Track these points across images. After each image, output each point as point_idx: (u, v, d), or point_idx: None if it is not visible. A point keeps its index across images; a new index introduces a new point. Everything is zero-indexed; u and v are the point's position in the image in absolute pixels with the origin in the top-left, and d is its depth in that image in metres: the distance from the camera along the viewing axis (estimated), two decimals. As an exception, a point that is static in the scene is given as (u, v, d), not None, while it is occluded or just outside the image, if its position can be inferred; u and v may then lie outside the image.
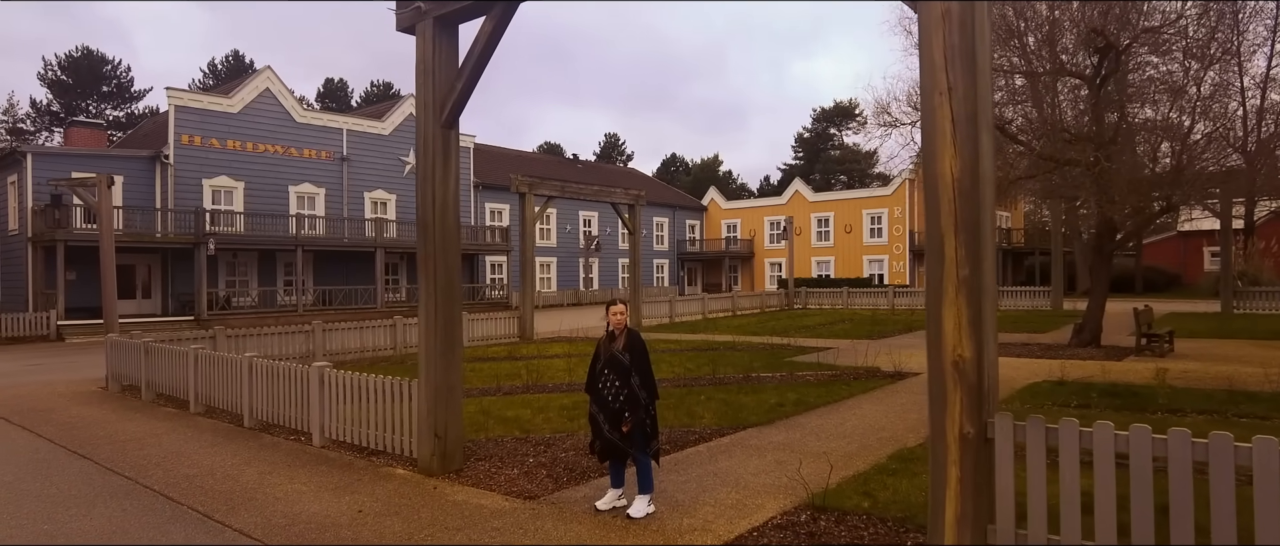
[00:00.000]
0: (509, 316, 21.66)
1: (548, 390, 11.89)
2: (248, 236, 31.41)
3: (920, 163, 22.73)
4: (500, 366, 14.90)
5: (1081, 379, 11.73)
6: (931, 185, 4.34)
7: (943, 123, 4.28)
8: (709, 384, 12.08)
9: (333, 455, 8.33)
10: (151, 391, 12.55)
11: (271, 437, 9.34)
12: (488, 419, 9.63)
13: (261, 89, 33.75)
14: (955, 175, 4.24)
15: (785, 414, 9.60)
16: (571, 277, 47.18)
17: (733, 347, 17.75)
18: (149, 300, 31.34)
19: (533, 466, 7.41)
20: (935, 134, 4.31)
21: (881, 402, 10.40)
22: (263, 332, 16.43)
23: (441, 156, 7.28)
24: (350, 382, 8.50)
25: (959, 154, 4.23)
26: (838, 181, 74.29)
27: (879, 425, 8.94)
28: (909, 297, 33.46)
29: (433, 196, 7.27)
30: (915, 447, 7.72)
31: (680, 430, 8.79)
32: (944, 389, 4.27)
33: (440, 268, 7.26)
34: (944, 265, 4.27)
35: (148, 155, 31.15)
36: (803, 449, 7.84)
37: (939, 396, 4.30)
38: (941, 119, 4.28)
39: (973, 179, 4.21)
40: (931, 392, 4.35)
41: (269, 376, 9.75)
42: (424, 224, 7.33)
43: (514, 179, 21.52)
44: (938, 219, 4.30)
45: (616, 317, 5.88)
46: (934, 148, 4.33)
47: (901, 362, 13.87)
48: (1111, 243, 15.35)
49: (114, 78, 56.56)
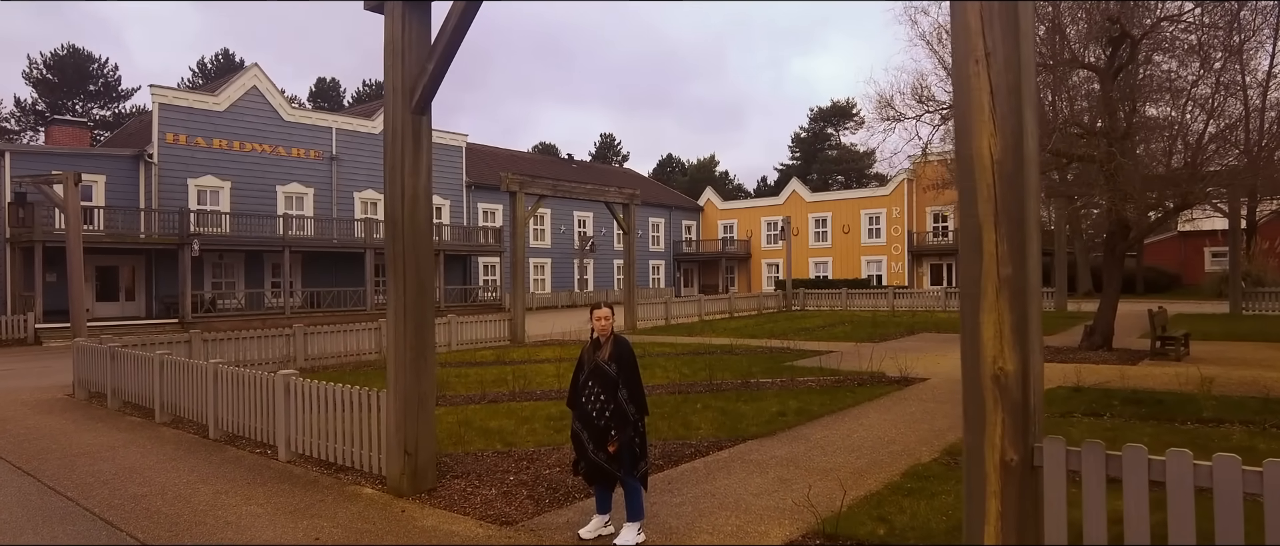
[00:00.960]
0: (499, 319, 21.00)
1: (535, 397, 11.25)
2: (234, 237, 30.70)
3: (922, 162, 22.11)
4: (487, 372, 14.25)
5: (1099, 385, 11.12)
6: (966, 168, 3.71)
7: (979, 95, 3.65)
8: (706, 390, 11.45)
9: (298, 471, 7.68)
10: (118, 399, 11.87)
11: (236, 451, 8.69)
12: (468, 430, 8.98)
13: (248, 87, 33.05)
14: (995, 156, 3.60)
15: (787, 424, 8.96)
16: (566, 279, 46.52)
17: (730, 351, 17.12)
18: (133, 302, 30.61)
19: (513, 485, 6.76)
20: (971, 108, 3.68)
21: (889, 411, 9.77)
22: (241, 336, 15.77)
23: (412, 145, 6.64)
24: (317, 392, 7.85)
25: (999, 131, 3.60)
26: (835, 181, 73.76)
27: (889, 437, 8.31)
28: (909, 299, 32.89)
29: (402, 189, 6.62)
30: (930, 463, 7.09)
31: (675, 442, 8.15)
32: (982, 407, 3.64)
33: (410, 267, 6.61)
34: (982, 262, 3.64)
35: (131, 154, 30.43)
36: (808, 464, 7.20)
37: (976, 416, 3.66)
38: (978, 90, 3.65)
39: (1016, 160, 3.58)
40: (967, 411, 3.72)
41: (234, 384, 9.09)
42: (392, 219, 6.68)
43: (504, 177, 20.87)
44: (974, 208, 3.67)
45: (601, 323, 5.24)
46: (969, 125, 3.69)
47: (908, 367, 13.24)
48: (1124, 242, 14.76)
49: (101, 77, 55.72)
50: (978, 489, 3.66)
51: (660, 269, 53.98)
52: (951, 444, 7.84)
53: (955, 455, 7.37)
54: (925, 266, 47.72)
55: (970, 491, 3.71)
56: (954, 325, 23.26)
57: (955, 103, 3.86)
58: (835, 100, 79.63)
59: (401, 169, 6.65)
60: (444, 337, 18.89)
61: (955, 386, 11.57)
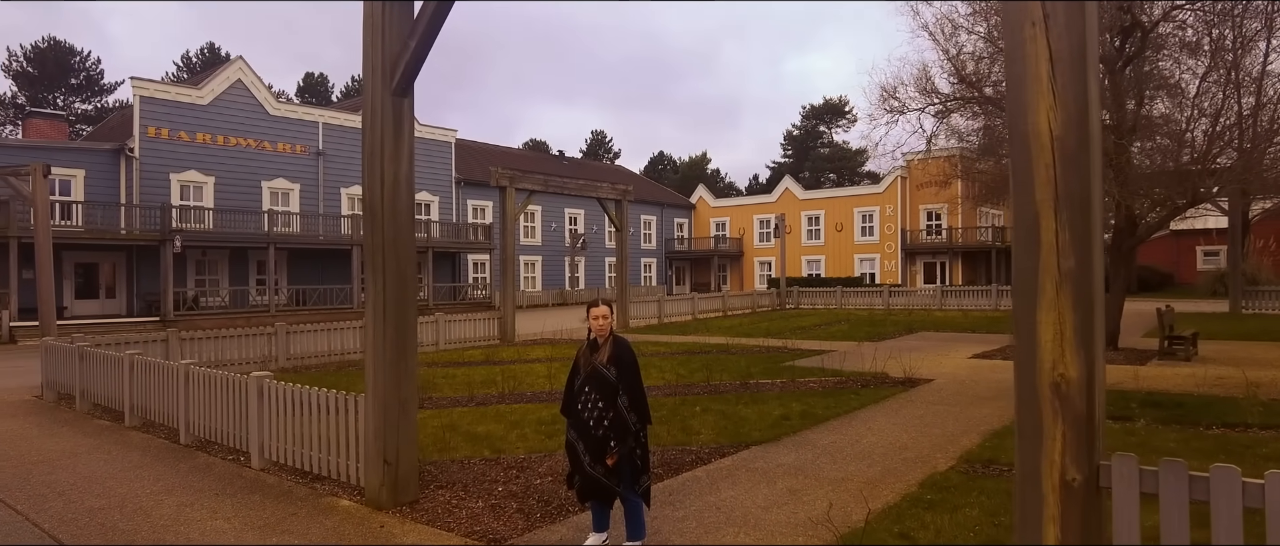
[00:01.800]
0: (489, 317, 20.48)
1: (525, 399, 10.75)
2: (218, 234, 30.01)
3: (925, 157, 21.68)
4: (475, 372, 13.74)
5: (1113, 386, 10.70)
6: (1020, 147, 3.25)
7: (1036, 63, 3.19)
8: (704, 392, 10.98)
9: (271, 480, 7.17)
10: (87, 401, 11.30)
11: (207, 457, 8.17)
12: (454, 435, 8.48)
13: (233, 80, 32.37)
14: (1055, 132, 3.14)
15: (792, 429, 8.50)
16: (557, 277, 45.98)
17: (727, 351, 16.66)
18: (113, 300, 29.91)
19: (502, 497, 6.27)
20: (1026, 79, 3.22)
21: (897, 414, 9.32)
22: (220, 335, 15.20)
23: (392, 129, 6.14)
24: (292, 396, 7.34)
25: (1059, 103, 3.14)
26: (827, 179, 73.47)
27: (900, 442, 7.86)
28: (905, 297, 32.54)
29: (382, 176, 6.12)
30: (948, 472, 6.64)
31: (674, 449, 7.68)
32: (1038, 420, 3.17)
33: (390, 261, 6.11)
34: (1039, 253, 3.17)
35: (111, 148, 29.71)
36: (817, 473, 6.74)
37: (1031, 429, 3.20)
38: (1034, 58, 3.19)
39: (1079, 137, 3.12)
40: (1020, 424, 3.26)
41: (206, 386, 8.56)
42: (371, 210, 6.18)
43: (494, 172, 20.33)
44: (1030, 191, 3.20)
45: (599, 322, 4.76)
46: (1024, 97, 3.23)
47: (912, 368, 12.81)
48: (1131, 239, 14.37)
49: (83, 70, 54.70)
50: (1032, 513, 3.20)
51: (652, 267, 53.51)
52: (967, 450, 7.40)
53: (972, 462, 6.93)
54: (919, 265, 47.43)
55: (1023, 516, 3.25)
56: (953, 324, 22.90)
57: (1007, 73, 3.39)
58: (828, 98, 79.41)
59: (381, 155, 6.14)
60: (431, 336, 18.36)
61: (962, 388, 11.15)
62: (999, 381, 11.71)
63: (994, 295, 29.99)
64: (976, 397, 10.34)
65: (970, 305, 30.19)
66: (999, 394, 10.59)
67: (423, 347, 17.97)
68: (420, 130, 39.35)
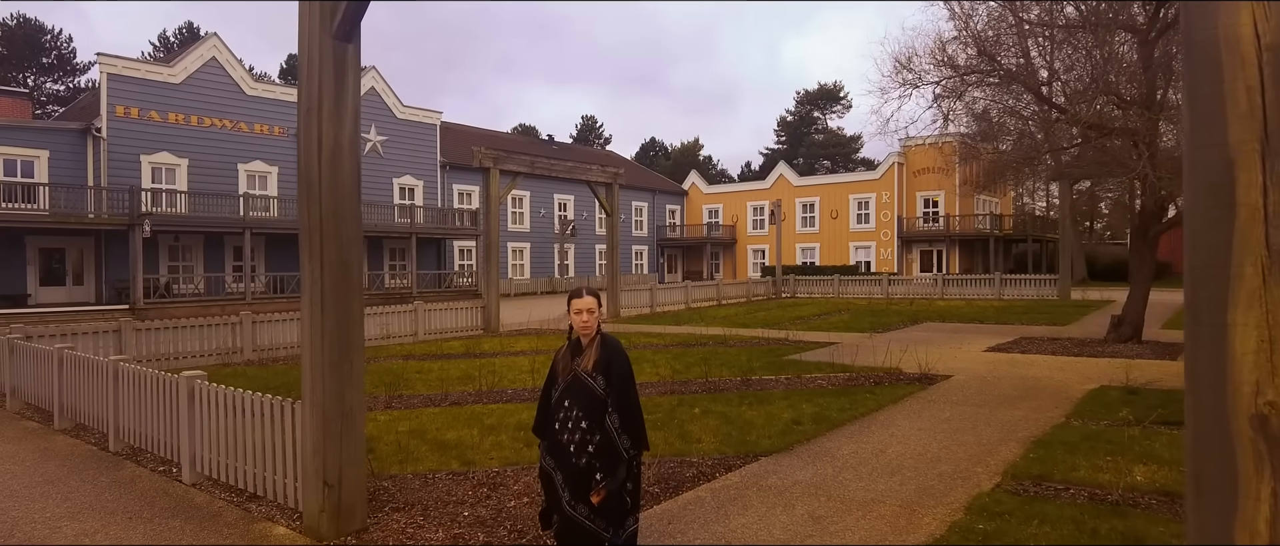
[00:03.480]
0: (472, 306, 19.38)
1: (505, 398, 9.70)
2: (192, 218, 28.73)
3: (931, 140, 20.58)
4: (453, 366, 12.67)
5: (1152, 385, 9.75)
6: (1202, 64, 2.20)
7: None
8: (702, 390, 9.96)
9: (200, 499, 6.11)
10: (18, 400, 10.22)
11: (135, 469, 7.10)
12: (420, 443, 7.42)
13: (207, 58, 31.00)
14: (1265, 38, 2.09)
15: (805, 435, 7.48)
16: (546, 265, 44.86)
17: (724, 342, 15.64)
18: (81, 287, 28.62)
19: (468, 524, 5.23)
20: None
21: (920, 417, 8.32)
22: (180, 325, 14.09)
23: (332, 81, 5.04)
24: (226, 400, 6.26)
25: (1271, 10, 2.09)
26: (821, 166, 72.45)
27: (931, 452, 6.85)
28: (905, 286, 31.60)
29: (319, 139, 5.03)
30: (996, 493, 5.64)
31: (672, 461, 6.65)
32: (1232, 465, 2.14)
33: (330, 243, 5.03)
34: (1234, 221, 2.13)
35: (77, 128, 28.35)
36: (842, 494, 5.72)
37: (1218, 482, 2.17)
38: (1224, -70, 2.13)
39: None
40: (1196, 471, 2.23)
41: (136, 386, 7.48)
42: (307, 180, 5.09)
43: (476, 152, 19.19)
44: (1218, 129, 2.16)
45: (583, 318, 3.70)
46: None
47: (925, 362, 11.80)
48: (1158, 225, 13.42)
49: (54, 49, 52.94)
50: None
51: (643, 255, 52.42)
52: (1011, 463, 6.40)
53: (1021, 479, 5.93)
54: (915, 253, 46.54)
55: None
56: (958, 314, 21.96)
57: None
58: (823, 83, 78.29)
59: (318, 114, 5.05)
60: (409, 327, 17.27)
61: (985, 386, 10.16)
62: (1023, 378, 10.73)
63: (997, 284, 29.07)
64: (1003, 397, 9.35)
65: (973, 294, 29.28)
66: (1027, 393, 9.61)
67: (400, 339, 16.88)
68: (403, 112, 38.07)
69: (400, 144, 37.87)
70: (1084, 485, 5.73)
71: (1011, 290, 28.61)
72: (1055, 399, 9.18)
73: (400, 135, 37.87)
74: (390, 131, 37.38)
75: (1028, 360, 12.55)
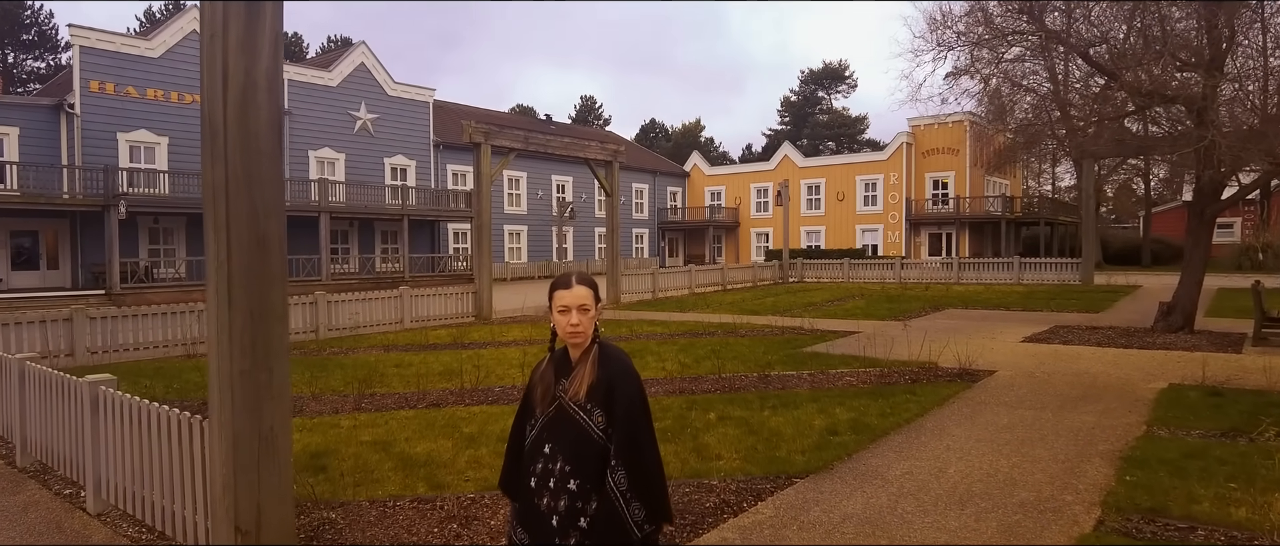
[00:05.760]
0: (464, 291, 18.13)
1: (491, 399, 8.48)
2: (173, 199, 27.42)
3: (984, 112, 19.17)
4: (437, 358, 11.44)
5: (1232, 383, 8.53)
6: None
7: None
8: (715, 389, 8.73)
9: (100, 535, 4.92)
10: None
11: (39, 491, 5.90)
12: (385, 458, 6.20)
13: (187, 31, 29.54)
14: None
15: (844, 449, 6.26)
16: (544, 248, 43.58)
17: (734, 331, 14.42)
18: (56, 271, 27.35)
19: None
20: None
21: (974, 423, 7.10)
22: (142, 313, 12.91)
23: (240, 7, 3.74)
24: (134, 412, 5.03)
25: None
26: (825, 147, 70.99)
27: (1001, 472, 5.63)
28: (918, 270, 30.35)
29: (224, 75, 3.73)
30: (1100, 532, 4.42)
31: (688, 484, 5.43)
32: None
33: (240, 210, 3.76)
34: None
35: (50, 104, 26.99)
36: (907, 535, 4.50)
37: None
38: None
39: None
40: None
41: (42, 391, 6.25)
42: (211, 128, 3.80)
43: (466, 126, 17.87)
44: None
45: (572, 318, 2.45)
46: None
47: (967, 356, 10.54)
48: (1215, 205, 12.16)
49: (35, 25, 51.24)
50: None
51: (644, 238, 51.10)
52: (1107, 489, 5.18)
53: (1127, 514, 4.71)
54: (923, 236, 45.25)
55: None
56: (979, 300, 20.74)
57: None
58: (828, 62, 76.64)
59: (222, 42, 3.75)
60: (394, 314, 16.04)
61: (1037, 383, 8.94)
62: (1076, 373, 9.51)
63: (1016, 268, 27.79)
64: (1064, 398, 8.13)
65: (990, 278, 28.01)
66: (1087, 392, 8.39)
67: (383, 327, 15.65)
68: (394, 89, 36.67)
69: (392, 122, 36.48)
70: (1215, 524, 4.52)
71: (1031, 274, 27.34)
72: (1124, 400, 7.96)
73: (392, 113, 36.48)
74: (381, 109, 36.00)
75: (1073, 352, 11.32)
